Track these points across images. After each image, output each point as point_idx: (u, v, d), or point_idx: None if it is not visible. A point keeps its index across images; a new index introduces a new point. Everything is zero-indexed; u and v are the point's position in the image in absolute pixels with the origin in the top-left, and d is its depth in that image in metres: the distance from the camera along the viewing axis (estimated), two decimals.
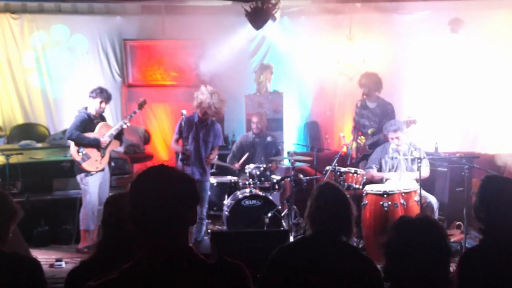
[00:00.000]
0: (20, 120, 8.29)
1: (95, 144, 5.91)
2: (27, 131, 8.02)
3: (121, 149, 8.00)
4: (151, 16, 8.39)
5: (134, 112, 6.22)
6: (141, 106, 6.26)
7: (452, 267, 2.14)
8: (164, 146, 8.59)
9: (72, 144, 5.93)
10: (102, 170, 6.02)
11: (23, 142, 7.30)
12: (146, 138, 8.31)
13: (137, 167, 8.26)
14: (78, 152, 5.88)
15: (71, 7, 8.30)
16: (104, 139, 5.95)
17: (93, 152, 5.92)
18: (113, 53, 8.51)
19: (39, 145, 7.29)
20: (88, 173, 5.91)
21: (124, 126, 6.08)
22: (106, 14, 8.45)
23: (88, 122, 5.97)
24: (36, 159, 6.82)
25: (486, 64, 8.16)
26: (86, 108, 6.03)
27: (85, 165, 5.90)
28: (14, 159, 6.42)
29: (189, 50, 8.40)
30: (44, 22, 8.29)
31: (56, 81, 8.37)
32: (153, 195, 1.73)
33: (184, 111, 6.02)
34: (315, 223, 2.64)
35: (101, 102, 6.00)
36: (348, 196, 2.76)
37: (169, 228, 1.74)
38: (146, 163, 8.38)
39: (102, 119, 6.18)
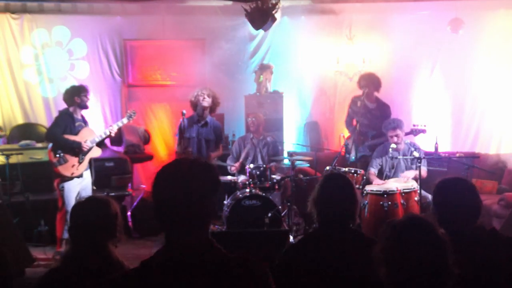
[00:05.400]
0: (20, 120, 8.28)
1: (75, 147, 5.65)
2: (27, 131, 8.01)
3: (121, 149, 8.01)
4: (151, 16, 8.38)
5: (122, 122, 6.01)
6: (129, 117, 6.02)
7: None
8: (164, 146, 8.58)
9: (50, 144, 5.76)
10: (79, 176, 5.76)
11: (23, 142, 7.30)
12: (146, 138, 8.30)
13: (137, 167, 8.26)
14: (55, 154, 5.65)
15: (71, 7, 8.29)
16: (86, 144, 5.70)
17: (70, 156, 5.68)
18: (113, 53, 8.51)
19: (39, 145, 7.29)
20: (64, 177, 5.68)
21: (108, 134, 5.84)
22: (106, 14, 8.43)
23: (70, 123, 5.74)
24: (36, 159, 6.82)
25: (486, 64, 8.17)
26: (68, 109, 5.82)
27: (60, 169, 5.66)
28: (14, 159, 6.43)
29: (189, 50, 8.40)
30: (44, 22, 8.28)
31: (56, 81, 8.37)
32: (174, 187, 1.75)
33: (185, 111, 6.03)
34: (322, 210, 2.71)
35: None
36: (353, 184, 2.83)
37: (190, 221, 1.75)
38: (146, 163, 8.39)
39: (84, 122, 5.93)
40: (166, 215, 1.76)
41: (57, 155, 5.66)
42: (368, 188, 5.75)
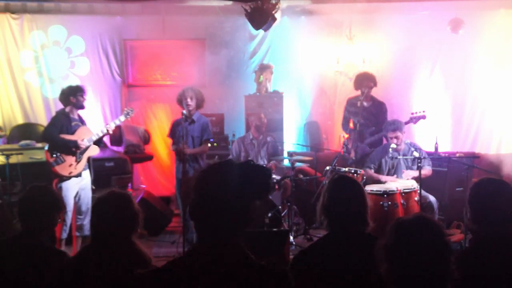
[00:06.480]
0: (20, 120, 8.29)
1: (72, 146, 5.62)
2: (27, 131, 8.02)
3: (121, 149, 8.01)
4: (151, 16, 8.38)
5: (119, 120, 5.99)
6: (127, 114, 6.03)
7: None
8: (164, 146, 8.58)
9: (47, 145, 5.73)
10: (78, 176, 5.72)
11: (23, 142, 7.30)
12: (146, 138, 8.31)
13: (137, 167, 8.27)
14: (52, 154, 5.63)
15: (71, 7, 8.29)
16: (82, 142, 5.67)
17: (68, 156, 5.65)
18: (113, 53, 8.51)
19: (39, 145, 7.28)
20: (62, 177, 5.64)
21: (105, 132, 5.83)
22: (106, 14, 8.44)
23: (66, 123, 5.72)
24: (36, 159, 6.82)
25: (486, 64, 8.17)
26: (64, 109, 5.79)
27: (58, 168, 5.62)
28: (14, 159, 6.42)
29: (189, 50, 8.40)
30: (44, 22, 8.29)
31: (57, 80, 8.37)
32: (217, 189, 1.77)
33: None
34: (331, 216, 2.66)
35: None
36: (362, 187, 2.79)
37: (222, 223, 1.76)
38: (146, 163, 8.39)
39: (81, 122, 5.91)
40: (201, 214, 1.78)
41: (54, 155, 5.64)
42: (368, 188, 5.74)
